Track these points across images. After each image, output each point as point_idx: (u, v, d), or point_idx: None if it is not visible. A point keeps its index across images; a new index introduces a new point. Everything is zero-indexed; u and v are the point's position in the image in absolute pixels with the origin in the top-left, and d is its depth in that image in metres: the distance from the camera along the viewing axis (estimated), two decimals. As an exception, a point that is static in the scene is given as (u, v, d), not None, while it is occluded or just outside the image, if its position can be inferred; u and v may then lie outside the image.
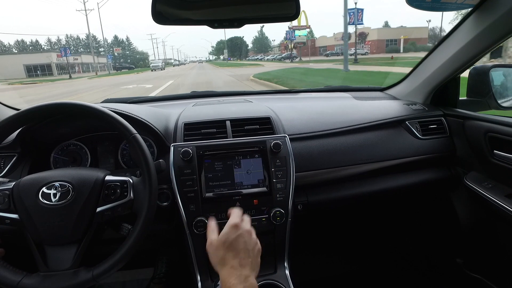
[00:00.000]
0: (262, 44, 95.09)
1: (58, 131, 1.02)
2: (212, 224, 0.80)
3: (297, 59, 41.74)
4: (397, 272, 1.60)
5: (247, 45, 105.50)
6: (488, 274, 1.21)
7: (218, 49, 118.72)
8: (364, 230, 1.69)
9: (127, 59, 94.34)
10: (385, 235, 1.71)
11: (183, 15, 0.84)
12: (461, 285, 1.33)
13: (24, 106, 0.88)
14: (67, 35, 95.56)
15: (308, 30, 41.23)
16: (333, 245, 1.69)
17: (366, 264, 1.67)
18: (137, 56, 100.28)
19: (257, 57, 72.05)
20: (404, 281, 1.54)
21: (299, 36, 38.47)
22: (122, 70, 49.04)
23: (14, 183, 0.74)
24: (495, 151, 1.05)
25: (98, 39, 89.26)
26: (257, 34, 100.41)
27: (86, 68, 57.32)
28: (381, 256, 1.69)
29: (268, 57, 58.29)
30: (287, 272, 1.00)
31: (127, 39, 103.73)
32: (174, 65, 55.80)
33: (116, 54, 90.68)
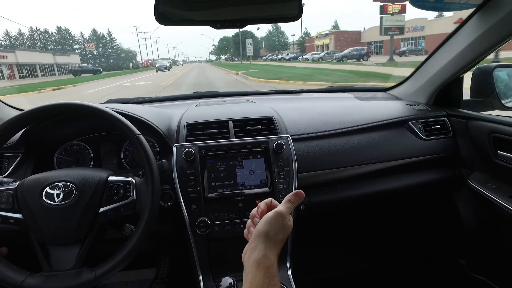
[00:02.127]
0: (277, 40, 77.02)
1: (62, 131, 1.02)
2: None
3: (368, 58, 25.31)
4: (400, 272, 1.60)
5: (259, 41, 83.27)
6: (492, 275, 1.21)
7: (221, 47, 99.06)
8: (367, 230, 1.68)
9: (109, 58, 74.79)
10: (388, 235, 1.70)
11: (186, 15, 0.84)
12: (464, 287, 1.33)
13: (28, 106, 0.89)
14: (31, 27, 73.05)
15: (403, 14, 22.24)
16: (336, 245, 1.68)
17: (369, 265, 1.66)
18: (122, 55, 78.82)
19: (282, 56, 51.60)
20: (407, 282, 1.54)
21: (391, 14, 21.15)
22: (82, 76, 31.80)
23: (18, 183, 0.74)
24: (499, 151, 1.04)
25: (73, 34, 71.12)
26: (270, 29, 79.60)
27: (49, 70, 38.63)
28: (384, 256, 1.68)
29: (306, 56, 37.66)
30: (289, 272, 0.99)
31: (109, 34, 77.58)
32: (159, 69, 32.39)
33: (95, 52, 73.04)
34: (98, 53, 74.51)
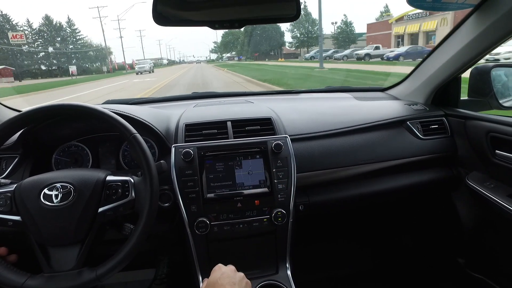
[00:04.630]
0: (306, 31, 49.58)
1: (60, 132, 1.02)
2: None
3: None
4: (399, 271, 1.60)
5: (282, 34, 57.18)
6: (490, 274, 1.21)
7: (226, 43, 76.52)
8: (365, 230, 1.69)
9: (70, 58, 51.75)
10: (387, 235, 1.70)
11: (184, 16, 0.84)
12: (463, 285, 1.33)
13: (26, 107, 0.89)
14: None
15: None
16: (335, 245, 1.68)
17: (368, 264, 1.67)
18: (90, 53, 54.54)
19: (377, 51, 25.35)
20: (405, 281, 1.54)
21: None
22: None
23: (15, 185, 0.74)
24: (496, 151, 1.05)
25: (15, 22, 47.37)
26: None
27: None
28: (383, 256, 1.69)
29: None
30: (288, 272, 1.00)
31: (70, 23, 51.15)
32: None
33: (51, 49, 48.89)
34: (55, 50, 49.56)
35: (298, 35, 51.79)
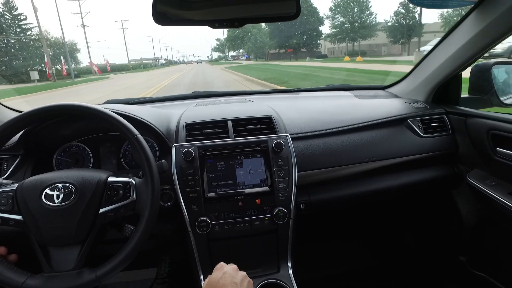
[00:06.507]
0: (352, 18, 36.00)
1: (61, 132, 1.02)
2: None
3: None
4: (400, 270, 1.60)
5: (321, 21, 40.79)
6: (492, 272, 1.21)
7: (233, 39, 61.38)
8: (367, 228, 1.69)
9: (16, 57, 31.35)
10: (388, 233, 1.70)
11: (184, 15, 0.84)
12: (464, 283, 1.33)
13: (26, 108, 0.89)
14: None
15: None
16: (336, 243, 1.69)
17: (369, 262, 1.67)
18: (48, 50, 30.43)
19: None
20: (407, 279, 1.54)
21: None
22: None
23: (17, 184, 0.74)
24: (497, 148, 1.05)
25: None
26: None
27: None
28: (384, 254, 1.69)
29: None
30: (290, 271, 1.00)
31: (9, 7, 30.47)
32: None
33: None
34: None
35: (342, 23, 36.17)
